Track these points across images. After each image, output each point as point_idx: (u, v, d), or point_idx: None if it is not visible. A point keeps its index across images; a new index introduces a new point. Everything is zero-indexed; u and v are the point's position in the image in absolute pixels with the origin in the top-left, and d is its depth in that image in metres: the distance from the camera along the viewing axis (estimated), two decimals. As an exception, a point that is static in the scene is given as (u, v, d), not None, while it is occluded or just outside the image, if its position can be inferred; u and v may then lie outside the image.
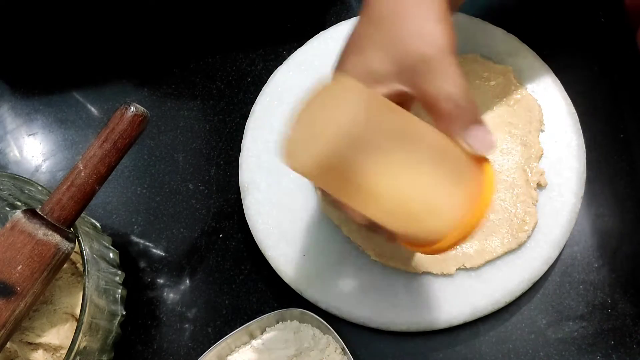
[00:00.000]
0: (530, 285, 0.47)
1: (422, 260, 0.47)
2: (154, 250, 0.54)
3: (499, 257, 0.47)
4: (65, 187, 0.42)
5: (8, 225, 0.42)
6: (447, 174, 0.34)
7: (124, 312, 0.51)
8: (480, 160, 0.36)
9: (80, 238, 0.44)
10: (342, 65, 0.38)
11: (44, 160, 0.59)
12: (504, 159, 0.49)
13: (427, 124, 0.35)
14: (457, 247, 0.36)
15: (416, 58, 0.35)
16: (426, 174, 0.34)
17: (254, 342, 0.47)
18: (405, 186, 0.33)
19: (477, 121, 0.35)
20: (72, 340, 0.42)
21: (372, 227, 0.37)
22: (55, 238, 0.41)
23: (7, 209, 0.51)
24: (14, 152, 0.59)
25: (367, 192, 0.33)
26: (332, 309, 0.48)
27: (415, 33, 0.35)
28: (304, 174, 0.32)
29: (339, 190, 0.34)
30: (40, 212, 0.42)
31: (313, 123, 0.32)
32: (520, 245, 0.47)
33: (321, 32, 0.55)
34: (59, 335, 0.46)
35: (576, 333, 0.47)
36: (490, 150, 0.35)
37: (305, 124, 0.32)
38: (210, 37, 0.61)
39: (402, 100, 0.36)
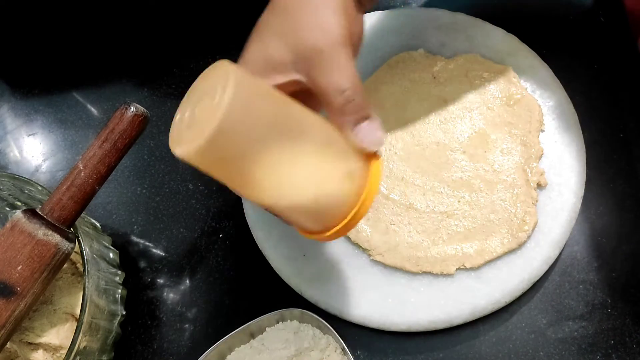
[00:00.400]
0: (530, 285, 0.47)
1: (422, 260, 0.47)
2: (154, 250, 0.54)
3: (499, 257, 0.47)
4: (65, 187, 0.42)
5: (8, 225, 0.42)
6: (333, 168, 0.35)
7: (124, 312, 0.51)
8: (370, 156, 0.37)
9: (80, 238, 0.44)
10: (244, 52, 0.38)
11: (44, 160, 0.59)
12: (504, 159, 0.49)
13: (317, 116, 0.35)
14: (344, 234, 0.37)
15: (311, 49, 0.35)
16: (312, 168, 0.34)
17: (254, 342, 0.47)
18: (291, 180, 0.34)
19: (367, 117, 0.36)
20: (72, 340, 0.42)
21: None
22: (55, 238, 0.41)
23: (7, 209, 0.51)
24: (14, 152, 0.59)
25: (252, 184, 0.33)
26: (332, 309, 0.48)
27: (311, 24, 0.35)
28: (186, 161, 0.32)
29: (226, 180, 0.34)
30: (40, 212, 0.42)
31: (194, 110, 0.32)
32: (520, 245, 0.47)
33: (321, 32, 0.55)
34: (59, 335, 0.46)
35: (576, 333, 0.47)
36: (378, 147, 0.36)
37: (187, 110, 0.32)
38: (210, 37, 0.61)
39: (304, 90, 0.37)
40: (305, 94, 0.37)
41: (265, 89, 0.34)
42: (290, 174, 0.34)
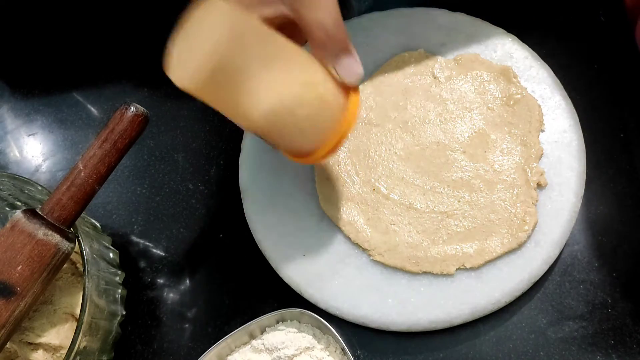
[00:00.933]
0: (530, 285, 0.47)
1: (422, 260, 0.47)
2: (154, 250, 0.54)
3: (499, 257, 0.47)
4: (65, 187, 0.42)
5: (8, 225, 0.42)
6: (315, 97, 0.38)
7: (124, 312, 0.51)
8: (348, 89, 0.40)
9: (80, 238, 0.44)
10: None
11: (44, 160, 0.59)
12: (504, 159, 0.49)
13: (300, 48, 0.38)
14: (325, 159, 0.42)
15: None
16: (295, 96, 0.38)
17: (254, 342, 0.47)
18: (275, 106, 0.37)
19: (346, 51, 0.38)
20: (72, 340, 0.42)
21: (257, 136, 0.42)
22: (55, 238, 0.41)
23: (7, 209, 0.51)
24: (14, 152, 0.59)
25: (243, 109, 0.37)
26: (332, 309, 0.48)
27: None
28: (184, 89, 0.35)
29: (219, 105, 0.37)
30: (40, 212, 0.42)
31: (188, 42, 0.35)
32: (520, 245, 0.47)
33: (321, 32, 0.55)
34: (59, 335, 0.46)
35: (576, 333, 0.47)
36: (356, 80, 0.39)
37: (182, 42, 0.36)
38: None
39: (290, 23, 0.39)
40: (291, 27, 0.39)
41: (254, 23, 0.36)
42: (275, 99, 0.37)
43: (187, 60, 0.35)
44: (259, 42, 0.36)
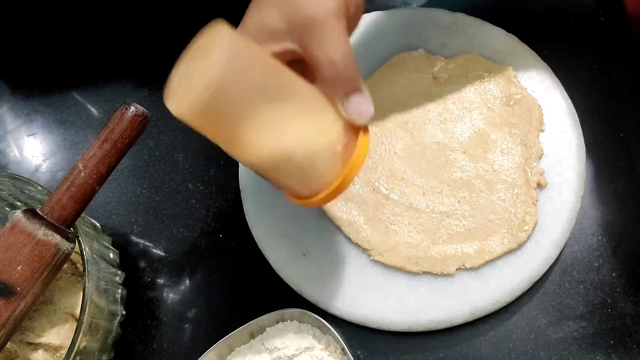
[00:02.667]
0: (530, 285, 0.47)
1: (422, 260, 0.47)
2: (154, 250, 0.54)
3: (499, 257, 0.47)
4: (65, 187, 0.42)
5: (8, 225, 0.42)
6: (320, 134, 0.36)
7: (124, 312, 0.51)
8: (359, 128, 0.37)
9: (80, 238, 0.44)
10: (244, 19, 0.39)
11: (44, 160, 0.59)
12: (504, 159, 0.49)
13: (308, 84, 0.36)
14: (329, 202, 0.38)
15: (305, 19, 0.35)
16: (299, 132, 0.35)
17: (254, 342, 0.47)
18: (277, 141, 0.34)
19: (357, 90, 0.36)
20: (72, 340, 0.42)
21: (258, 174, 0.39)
22: (55, 238, 0.41)
23: (7, 209, 0.51)
24: (14, 152, 0.59)
25: (241, 143, 0.34)
26: (332, 309, 0.48)
27: None
28: (181, 119, 0.33)
29: (218, 139, 0.35)
30: (40, 212, 0.42)
31: (189, 70, 0.33)
32: (520, 245, 0.47)
33: (321, 32, 0.55)
34: (59, 335, 0.46)
35: (576, 333, 0.47)
36: (365, 120, 0.37)
37: (183, 70, 0.34)
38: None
39: (300, 60, 0.37)
40: (302, 65, 0.37)
41: (257, 51, 0.34)
42: (277, 136, 0.34)
43: (184, 88, 0.32)
44: (265, 75, 0.34)
